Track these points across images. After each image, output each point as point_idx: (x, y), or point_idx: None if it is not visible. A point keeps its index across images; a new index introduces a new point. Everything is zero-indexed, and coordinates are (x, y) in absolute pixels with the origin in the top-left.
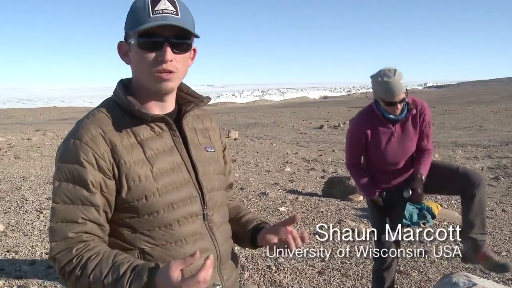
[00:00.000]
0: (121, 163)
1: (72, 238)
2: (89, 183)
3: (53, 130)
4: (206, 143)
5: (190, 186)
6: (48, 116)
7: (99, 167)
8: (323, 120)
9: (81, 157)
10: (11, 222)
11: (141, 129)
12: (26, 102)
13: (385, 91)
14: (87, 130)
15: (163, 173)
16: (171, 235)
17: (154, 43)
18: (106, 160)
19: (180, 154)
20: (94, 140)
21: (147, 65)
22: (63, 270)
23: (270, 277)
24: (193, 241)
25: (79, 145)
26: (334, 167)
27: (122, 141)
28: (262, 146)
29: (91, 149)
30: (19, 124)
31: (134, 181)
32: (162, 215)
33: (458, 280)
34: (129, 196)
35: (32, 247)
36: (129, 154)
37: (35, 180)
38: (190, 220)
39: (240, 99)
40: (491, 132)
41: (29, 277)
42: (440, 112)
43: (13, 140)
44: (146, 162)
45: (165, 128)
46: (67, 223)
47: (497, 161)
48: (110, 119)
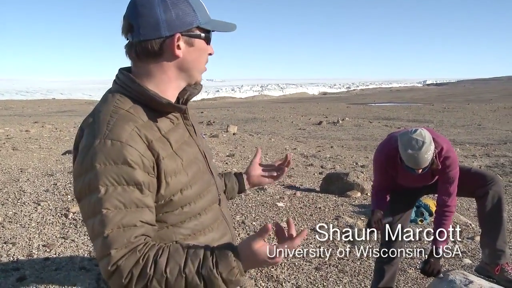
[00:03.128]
0: (160, 159)
1: (133, 243)
2: (142, 184)
3: (52, 122)
4: (199, 130)
5: (208, 174)
6: (47, 108)
7: (144, 166)
8: (322, 116)
9: (127, 157)
10: (9, 213)
11: (162, 122)
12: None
13: (407, 161)
14: (122, 128)
15: (190, 164)
16: (201, 224)
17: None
18: (149, 158)
19: (196, 143)
20: (133, 138)
21: (205, 58)
22: (129, 276)
23: (267, 272)
24: (216, 227)
25: (120, 145)
26: (332, 163)
27: (153, 136)
28: (261, 141)
29: (134, 148)
30: (17, 115)
31: (171, 176)
32: (194, 205)
33: (455, 277)
34: (167, 192)
35: (30, 239)
36: (162, 149)
37: (33, 172)
38: (212, 206)
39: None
40: (490, 131)
41: (26, 269)
42: (439, 110)
43: (11, 132)
44: (175, 155)
45: (180, 119)
46: (125, 228)
47: (495, 159)
48: (134, 115)
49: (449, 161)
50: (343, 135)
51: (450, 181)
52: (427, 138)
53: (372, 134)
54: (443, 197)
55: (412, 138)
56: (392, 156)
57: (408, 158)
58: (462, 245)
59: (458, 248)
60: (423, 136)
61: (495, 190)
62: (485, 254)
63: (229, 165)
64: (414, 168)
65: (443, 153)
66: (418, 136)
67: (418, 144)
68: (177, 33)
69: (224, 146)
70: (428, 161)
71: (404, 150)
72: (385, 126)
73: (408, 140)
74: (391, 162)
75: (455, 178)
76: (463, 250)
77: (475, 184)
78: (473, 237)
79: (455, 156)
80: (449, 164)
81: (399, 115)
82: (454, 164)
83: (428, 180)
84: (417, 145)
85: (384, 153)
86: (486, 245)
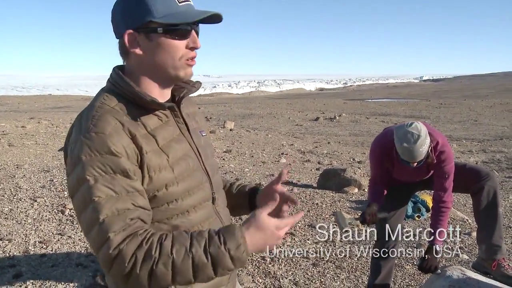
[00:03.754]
0: (143, 153)
1: (131, 225)
2: (128, 171)
3: (48, 118)
4: (198, 127)
5: (200, 172)
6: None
7: (129, 156)
8: (319, 112)
9: (111, 147)
10: (5, 210)
11: (149, 119)
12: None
13: (402, 154)
14: (106, 122)
15: (178, 161)
16: (189, 222)
17: (185, 31)
18: (133, 150)
19: (187, 141)
20: (117, 131)
21: (176, 54)
22: (133, 259)
23: (265, 268)
24: (207, 225)
25: (104, 137)
26: (329, 159)
27: (137, 131)
28: (258, 137)
29: (118, 139)
30: (13, 111)
31: (155, 171)
32: (181, 202)
33: (452, 273)
34: (151, 187)
35: (26, 236)
36: (147, 145)
37: (29, 168)
38: (203, 205)
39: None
40: (486, 127)
41: (23, 266)
42: (436, 106)
43: (7, 128)
44: (161, 151)
45: (170, 116)
46: (119, 212)
47: (491, 155)
48: (119, 111)
49: (444, 156)
50: (340, 131)
51: (446, 175)
52: (423, 132)
53: (369, 130)
54: (439, 192)
55: (408, 131)
56: (388, 149)
57: (403, 151)
58: (459, 241)
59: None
60: (418, 129)
61: (490, 185)
62: (482, 250)
63: (226, 161)
64: (409, 161)
65: (438, 147)
66: (414, 130)
67: (413, 137)
68: (128, 29)
69: (221, 142)
70: (423, 154)
71: (399, 144)
72: (382, 122)
73: (404, 133)
74: (387, 155)
75: (450, 173)
76: (460, 246)
77: (471, 179)
78: (470, 232)
79: (450, 151)
80: (444, 158)
81: (396, 111)
82: (450, 158)
83: (423, 175)
84: (412, 139)
85: (379, 146)
86: (482, 241)
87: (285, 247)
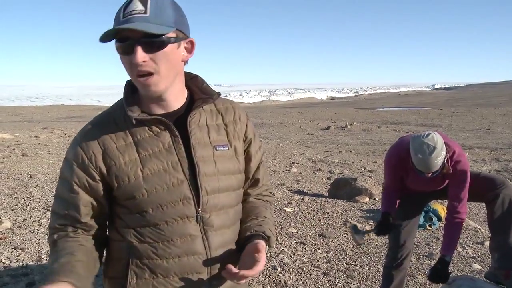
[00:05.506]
0: (111, 165)
1: (57, 228)
2: (73, 184)
3: (61, 128)
4: (219, 140)
5: (183, 187)
6: (56, 114)
7: (84, 169)
8: (330, 121)
9: (72, 158)
10: (18, 219)
11: (139, 130)
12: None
13: (418, 164)
14: (85, 132)
15: (154, 174)
16: (158, 235)
17: (127, 46)
18: (93, 164)
19: (177, 154)
20: (88, 143)
21: (128, 70)
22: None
23: (275, 277)
24: (181, 242)
25: (74, 144)
26: (340, 168)
27: (117, 142)
28: (269, 146)
29: (82, 151)
30: (27, 121)
31: (124, 181)
32: (150, 214)
33: (463, 283)
34: (120, 195)
35: (39, 244)
36: (122, 155)
37: (42, 177)
38: (180, 222)
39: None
40: (499, 135)
41: (35, 274)
42: (448, 114)
43: (21, 138)
44: (138, 162)
45: (163, 128)
46: (54, 214)
47: (505, 164)
48: (112, 121)
49: (460, 166)
50: (351, 140)
51: (461, 186)
52: (439, 143)
53: (380, 138)
54: (453, 203)
55: (424, 142)
56: (404, 158)
57: (418, 162)
58: (472, 250)
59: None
60: (434, 141)
61: (506, 194)
62: (495, 259)
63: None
64: (424, 172)
65: (454, 157)
66: (430, 141)
67: (429, 149)
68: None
69: None
70: (439, 165)
71: (415, 154)
72: (393, 130)
73: (420, 144)
74: (402, 164)
75: (465, 183)
76: (473, 256)
77: (485, 188)
78: (483, 242)
79: (466, 161)
80: (460, 168)
81: (408, 120)
82: (465, 169)
83: (438, 185)
84: (428, 150)
85: (395, 155)
86: (495, 249)
87: (296, 256)
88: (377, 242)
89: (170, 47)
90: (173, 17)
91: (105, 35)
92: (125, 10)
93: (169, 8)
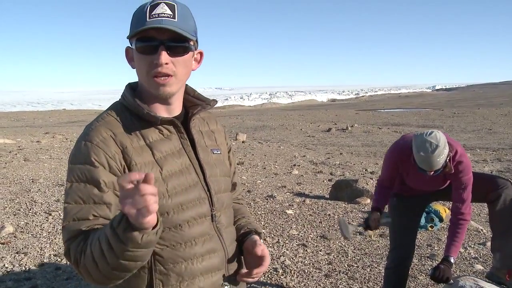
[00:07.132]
0: (132, 165)
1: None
2: (101, 182)
3: (62, 133)
4: (212, 145)
5: (198, 188)
6: (58, 119)
7: (110, 168)
8: (331, 123)
9: (92, 157)
10: (21, 224)
11: (149, 132)
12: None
13: (419, 162)
14: (97, 132)
15: (172, 175)
16: (181, 236)
17: (150, 47)
18: (117, 162)
19: (188, 156)
20: (105, 142)
21: (145, 69)
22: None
23: (277, 280)
24: (202, 241)
25: (90, 146)
26: (341, 170)
27: (132, 143)
28: (270, 149)
29: (102, 150)
30: (28, 126)
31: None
32: (172, 216)
33: (465, 283)
34: None
35: (41, 249)
36: (139, 156)
37: (44, 182)
38: (199, 221)
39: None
40: (501, 135)
41: (38, 278)
42: (449, 115)
43: (22, 143)
44: (155, 164)
45: (173, 131)
46: (79, 221)
47: (507, 164)
48: (119, 122)
49: (462, 166)
50: (352, 142)
51: (463, 186)
52: (441, 142)
53: (381, 140)
54: (457, 204)
55: (426, 140)
56: (406, 155)
57: (420, 159)
58: (474, 251)
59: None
60: (437, 139)
61: (508, 194)
62: (496, 259)
63: (238, 173)
64: (426, 170)
65: (456, 157)
66: (432, 139)
67: (431, 147)
68: (129, 45)
69: None
70: (441, 164)
71: (417, 152)
72: (395, 132)
73: (422, 142)
74: (404, 161)
75: (468, 184)
76: (475, 256)
77: (487, 188)
78: (485, 242)
79: (468, 161)
80: (462, 169)
81: (409, 121)
82: (468, 169)
83: (439, 185)
84: (430, 148)
85: (398, 150)
86: (497, 249)
87: (297, 258)
88: (379, 244)
89: (190, 54)
90: (194, 27)
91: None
92: (152, 12)
93: (190, 17)
